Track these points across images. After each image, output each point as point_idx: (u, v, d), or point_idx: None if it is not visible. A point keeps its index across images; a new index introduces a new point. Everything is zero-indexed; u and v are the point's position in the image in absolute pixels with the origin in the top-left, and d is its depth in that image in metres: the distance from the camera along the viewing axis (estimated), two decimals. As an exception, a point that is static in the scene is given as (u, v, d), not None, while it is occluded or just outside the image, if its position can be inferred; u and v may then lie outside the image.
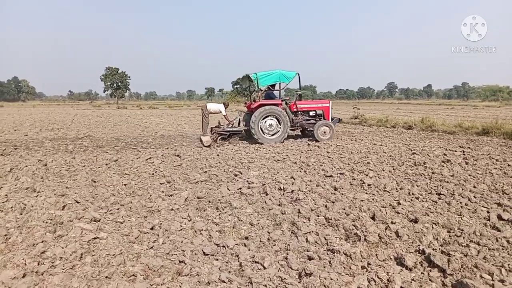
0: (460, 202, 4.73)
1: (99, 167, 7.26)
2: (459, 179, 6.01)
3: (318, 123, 11.88)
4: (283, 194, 5.29)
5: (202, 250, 3.38)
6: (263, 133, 11.41)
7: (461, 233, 3.69)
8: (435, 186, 5.59)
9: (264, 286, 2.72)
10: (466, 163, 7.44)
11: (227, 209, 4.61)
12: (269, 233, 3.83)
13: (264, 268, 3.03)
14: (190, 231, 3.93)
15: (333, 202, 4.81)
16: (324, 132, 11.86)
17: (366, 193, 5.29)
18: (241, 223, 4.16)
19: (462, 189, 5.35)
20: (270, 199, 4.99)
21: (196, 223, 4.12)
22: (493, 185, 5.61)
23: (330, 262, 3.15)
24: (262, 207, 4.68)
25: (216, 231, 3.90)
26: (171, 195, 5.25)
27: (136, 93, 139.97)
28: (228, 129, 11.59)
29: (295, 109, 12.28)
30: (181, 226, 4.03)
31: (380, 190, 5.47)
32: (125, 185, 5.83)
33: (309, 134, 12.66)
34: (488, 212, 4.35)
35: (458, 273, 2.88)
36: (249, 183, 5.82)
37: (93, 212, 4.32)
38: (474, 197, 4.97)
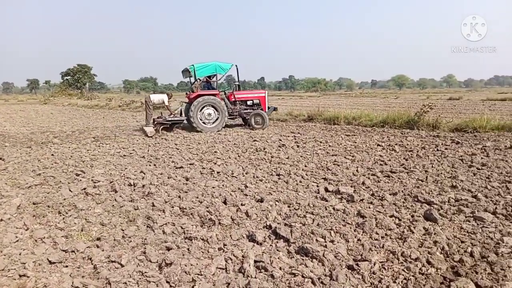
0: (296, 180, 5.43)
1: None
2: (293, 160, 6.86)
3: (252, 113, 12.47)
4: (134, 189, 5.10)
5: (48, 259, 3.02)
6: (202, 122, 11.90)
7: (299, 206, 4.26)
8: (274, 168, 6.25)
9: (124, 284, 2.62)
10: (298, 146, 8.53)
11: (72, 212, 4.19)
12: (123, 230, 3.66)
13: (122, 266, 2.91)
14: (29, 240, 3.44)
15: (186, 192, 4.90)
16: (257, 121, 12.38)
17: (216, 180, 5.55)
18: (90, 224, 3.84)
19: (296, 169, 6.14)
20: (120, 196, 4.75)
21: (36, 231, 3.62)
22: (319, 163, 6.60)
23: (188, 249, 3.23)
24: (113, 205, 4.42)
25: (62, 236, 3.51)
26: (-4, 204, 4.46)
27: None
28: (170, 119, 12.02)
29: (233, 99, 12.96)
30: (16, 237, 3.48)
31: (228, 176, 5.82)
32: None
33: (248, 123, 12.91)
34: (317, 186, 5.12)
35: (299, 241, 3.34)
36: (95, 182, 5.40)
37: None
38: (306, 174, 5.77)
